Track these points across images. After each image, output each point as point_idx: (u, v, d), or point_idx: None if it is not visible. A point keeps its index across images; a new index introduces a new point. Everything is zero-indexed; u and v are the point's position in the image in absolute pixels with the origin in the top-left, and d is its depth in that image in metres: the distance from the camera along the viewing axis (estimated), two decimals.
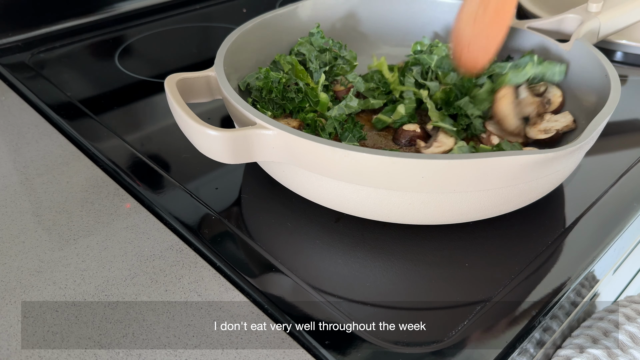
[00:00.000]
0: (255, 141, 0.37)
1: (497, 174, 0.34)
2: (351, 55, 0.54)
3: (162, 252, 0.38)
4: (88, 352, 0.31)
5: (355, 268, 0.37)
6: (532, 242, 0.39)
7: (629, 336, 0.36)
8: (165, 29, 0.73)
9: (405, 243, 0.39)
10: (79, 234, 0.39)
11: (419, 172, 0.34)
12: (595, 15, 0.51)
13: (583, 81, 0.47)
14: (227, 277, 0.36)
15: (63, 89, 0.57)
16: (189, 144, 0.40)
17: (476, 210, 0.38)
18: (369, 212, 0.38)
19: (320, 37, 0.52)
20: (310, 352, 0.32)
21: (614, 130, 0.53)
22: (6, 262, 0.37)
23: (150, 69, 0.63)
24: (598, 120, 0.37)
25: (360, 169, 0.35)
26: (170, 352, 0.31)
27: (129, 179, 0.45)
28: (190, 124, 0.37)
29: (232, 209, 0.42)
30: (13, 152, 0.48)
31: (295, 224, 0.41)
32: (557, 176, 0.39)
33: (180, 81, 0.42)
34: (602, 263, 0.39)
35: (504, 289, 0.35)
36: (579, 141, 0.35)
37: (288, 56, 0.51)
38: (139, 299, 0.35)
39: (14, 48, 0.66)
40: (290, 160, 0.37)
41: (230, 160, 0.37)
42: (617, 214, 0.42)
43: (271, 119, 0.37)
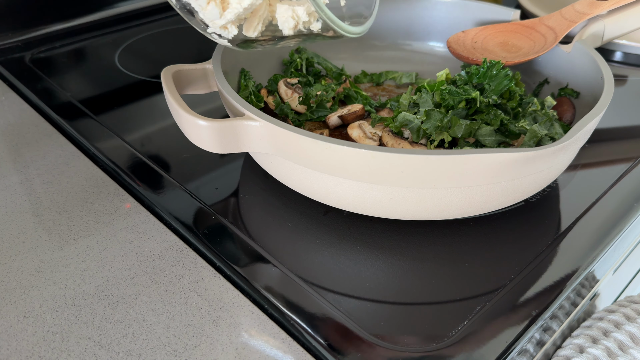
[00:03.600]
0: (243, 132, 0.38)
1: (477, 171, 0.34)
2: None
3: (162, 252, 0.38)
4: (88, 352, 0.31)
5: (367, 267, 0.37)
6: (532, 242, 0.39)
7: (629, 336, 0.36)
8: (165, 29, 0.73)
9: (410, 239, 0.39)
10: (79, 234, 0.39)
11: (398, 166, 0.34)
12: (601, 18, 0.51)
13: (583, 83, 0.47)
14: (227, 277, 0.36)
15: (63, 89, 0.57)
16: (189, 144, 0.40)
17: (458, 207, 0.38)
18: (352, 205, 0.39)
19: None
20: (310, 352, 0.32)
21: (614, 130, 0.53)
22: (6, 262, 0.37)
23: (150, 69, 0.63)
24: (584, 122, 0.37)
25: (342, 162, 0.35)
26: (170, 352, 0.31)
27: (129, 179, 0.45)
28: (181, 113, 0.38)
29: (232, 209, 0.42)
30: (13, 152, 0.48)
31: (296, 224, 0.41)
32: (542, 175, 0.38)
33: (176, 72, 0.43)
34: (602, 263, 0.39)
35: (504, 289, 0.35)
36: (561, 141, 0.35)
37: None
38: (139, 299, 0.35)
39: (14, 48, 0.66)
40: (277, 151, 0.38)
41: (218, 149, 0.39)
42: (617, 214, 0.42)
43: (259, 111, 0.37)
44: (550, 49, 0.50)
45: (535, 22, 0.53)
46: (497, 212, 0.41)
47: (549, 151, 0.34)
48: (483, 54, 0.52)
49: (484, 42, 0.53)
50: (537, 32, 0.53)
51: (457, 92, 0.43)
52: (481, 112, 0.43)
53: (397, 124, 0.43)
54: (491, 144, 0.42)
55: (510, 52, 0.52)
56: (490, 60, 0.46)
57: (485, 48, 0.53)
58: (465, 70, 0.47)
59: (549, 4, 0.72)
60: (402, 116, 0.43)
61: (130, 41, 0.69)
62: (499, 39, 0.54)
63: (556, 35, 0.51)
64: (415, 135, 0.43)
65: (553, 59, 0.51)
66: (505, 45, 0.53)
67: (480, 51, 0.52)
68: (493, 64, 0.45)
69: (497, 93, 0.45)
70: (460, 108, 0.43)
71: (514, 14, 0.56)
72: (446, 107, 0.43)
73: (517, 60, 0.50)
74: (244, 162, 0.47)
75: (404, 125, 0.43)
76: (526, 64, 0.52)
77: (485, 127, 0.42)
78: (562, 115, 0.47)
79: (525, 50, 0.52)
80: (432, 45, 0.60)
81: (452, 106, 0.43)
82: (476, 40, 0.54)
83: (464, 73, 0.46)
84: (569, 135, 0.35)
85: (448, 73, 0.47)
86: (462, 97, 0.43)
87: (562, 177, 0.46)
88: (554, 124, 0.43)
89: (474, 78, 0.45)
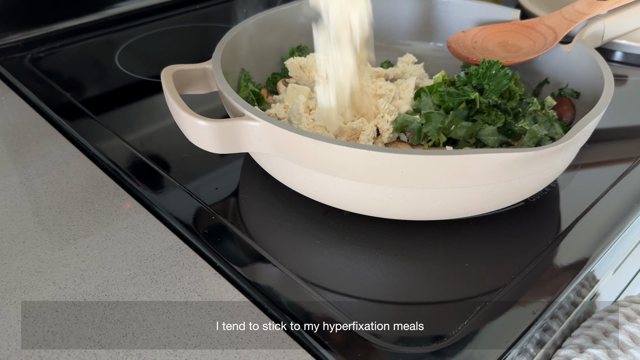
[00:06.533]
0: (243, 132, 0.38)
1: (476, 171, 0.35)
2: None
3: (162, 252, 0.38)
4: (88, 352, 0.31)
5: (367, 268, 0.37)
6: (533, 242, 0.39)
7: (629, 336, 0.36)
8: (165, 29, 0.73)
9: (410, 239, 0.39)
10: (79, 234, 0.39)
11: (398, 166, 0.34)
12: (601, 18, 0.51)
13: (583, 83, 0.47)
14: (227, 277, 0.36)
15: (63, 89, 0.57)
16: (189, 144, 0.40)
17: (458, 207, 0.38)
18: (352, 205, 0.39)
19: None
20: (310, 352, 0.32)
21: (614, 130, 0.53)
22: (6, 262, 0.37)
23: (150, 69, 0.63)
24: (584, 122, 0.37)
25: (342, 162, 0.35)
26: (170, 352, 0.31)
27: (129, 179, 0.45)
28: (181, 113, 0.38)
29: (232, 209, 0.42)
30: (13, 152, 0.48)
31: (296, 224, 0.41)
32: (543, 175, 0.38)
33: (176, 73, 0.43)
34: (602, 263, 0.39)
35: (504, 289, 0.35)
36: (560, 141, 0.35)
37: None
38: (139, 299, 0.35)
39: (14, 48, 0.66)
40: (276, 151, 0.38)
41: (219, 150, 0.38)
42: (617, 214, 0.42)
43: (260, 111, 0.37)
44: (550, 49, 0.50)
45: (535, 22, 0.53)
46: (497, 212, 0.41)
47: (549, 151, 0.34)
48: (483, 53, 0.52)
49: (484, 42, 0.53)
50: (537, 32, 0.53)
51: (457, 94, 0.43)
52: (482, 113, 0.43)
53: (398, 125, 0.43)
54: (493, 144, 0.42)
55: (510, 52, 0.52)
56: (488, 60, 0.46)
57: (485, 48, 0.53)
58: (464, 71, 0.47)
59: (549, 4, 0.72)
60: (402, 117, 0.43)
61: (130, 41, 0.69)
62: (499, 38, 0.54)
63: (556, 35, 0.51)
64: (416, 136, 0.43)
65: (553, 59, 0.51)
66: (505, 45, 0.53)
67: (480, 51, 0.52)
68: (492, 64, 0.45)
69: (497, 93, 0.44)
70: (461, 109, 0.43)
71: (514, 14, 0.56)
72: (446, 109, 0.43)
73: (517, 60, 0.50)
74: (244, 162, 0.47)
75: (404, 126, 0.43)
76: (526, 63, 0.52)
77: (488, 127, 0.42)
78: (562, 115, 0.47)
79: (525, 50, 0.52)
80: (432, 45, 0.60)
81: (452, 108, 0.43)
82: (476, 40, 0.54)
83: (463, 74, 0.46)
84: (569, 135, 0.35)
85: (444, 75, 0.47)
86: (461, 99, 0.43)
87: (562, 177, 0.46)
88: (554, 124, 0.43)
89: (473, 79, 0.45)
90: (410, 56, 0.56)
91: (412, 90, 0.49)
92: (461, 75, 0.47)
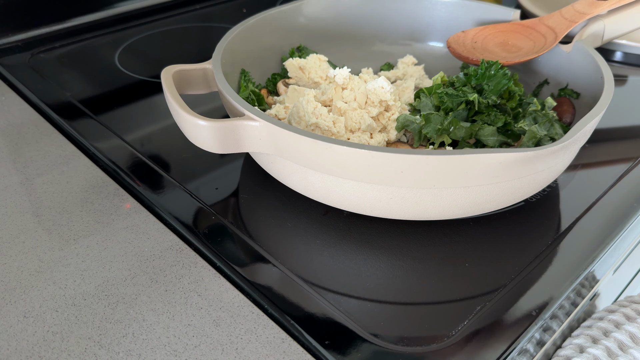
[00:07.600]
0: (243, 132, 0.38)
1: (476, 171, 0.35)
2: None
3: (162, 252, 0.38)
4: (88, 352, 0.31)
5: (367, 268, 0.37)
6: (532, 242, 0.39)
7: (629, 336, 0.36)
8: (165, 29, 0.73)
9: (410, 239, 0.39)
10: (79, 234, 0.39)
11: (398, 166, 0.34)
12: (600, 18, 0.51)
13: (583, 83, 0.47)
14: (227, 277, 0.36)
15: (63, 89, 0.57)
16: (189, 144, 0.40)
17: (458, 207, 0.38)
18: (352, 205, 0.39)
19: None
20: (310, 352, 0.32)
21: (614, 130, 0.53)
22: (6, 262, 0.37)
23: (150, 69, 0.63)
24: (584, 122, 0.37)
25: (342, 162, 0.35)
26: (170, 352, 0.31)
27: (129, 179, 0.45)
28: (181, 113, 0.38)
29: (232, 209, 0.42)
30: (13, 152, 0.48)
31: (296, 224, 0.41)
32: (543, 176, 0.38)
33: (177, 73, 0.43)
34: (602, 263, 0.39)
35: (504, 289, 0.35)
36: (560, 141, 0.35)
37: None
38: (139, 299, 0.35)
39: (14, 48, 0.66)
40: (277, 151, 0.38)
41: (219, 150, 0.38)
42: (617, 214, 0.42)
43: (260, 111, 0.37)
44: (550, 49, 0.50)
45: (535, 22, 0.53)
46: (497, 212, 0.41)
47: (549, 151, 0.34)
48: (483, 54, 0.52)
49: (484, 42, 0.53)
50: (537, 32, 0.53)
51: (456, 95, 0.43)
52: (481, 113, 0.43)
53: (399, 124, 0.43)
54: (493, 144, 0.42)
55: (510, 52, 0.52)
56: (487, 60, 0.46)
57: (485, 48, 0.53)
58: (463, 72, 0.47)
59: (549, 4, 0.72)
60: (403, 117, 0.43)
61: (130, 41, 0.69)
62: (499, 39, 0.54)
63: (556, 35, 0.51)
64: (416, 137, 0.43)
65: (553, 59, 0.51)
66: (505, 45, 0.53)
67: (480, 51, 0.52)
68: (491, 64, 0.45)
69: (496, 93, 0.44)
70: (461, 110, 0.43)
71: (514, 14, 0.56)
72: (445, 109, 0.43)
73: (517, 60, 0.50)
74: (244, 162, 0.47)
75: (405, 126, 0.43)
76: (526, 64, 0.52)
77: (488, 127, 0.42)
78: (562, 115, 0.47)
79: (525, 50, 0.52)
80: (432, 45, 0.60)
81: (451, 109, 0.43)
82: (476, 40, 0.54)
83: (462, 75, 0.46)
84: (569, 135, 0.35)
85: (443, 76, 0.47)
86: (461, 100, 0.43)
87: (562, 177, 0.46)
88: (554, 124, 0.43)
89: (472, 79, 0.45)
90: (410, 57, 0.56)
91: (412, 90, 0.49)
92: (460, 76, 0.47)
